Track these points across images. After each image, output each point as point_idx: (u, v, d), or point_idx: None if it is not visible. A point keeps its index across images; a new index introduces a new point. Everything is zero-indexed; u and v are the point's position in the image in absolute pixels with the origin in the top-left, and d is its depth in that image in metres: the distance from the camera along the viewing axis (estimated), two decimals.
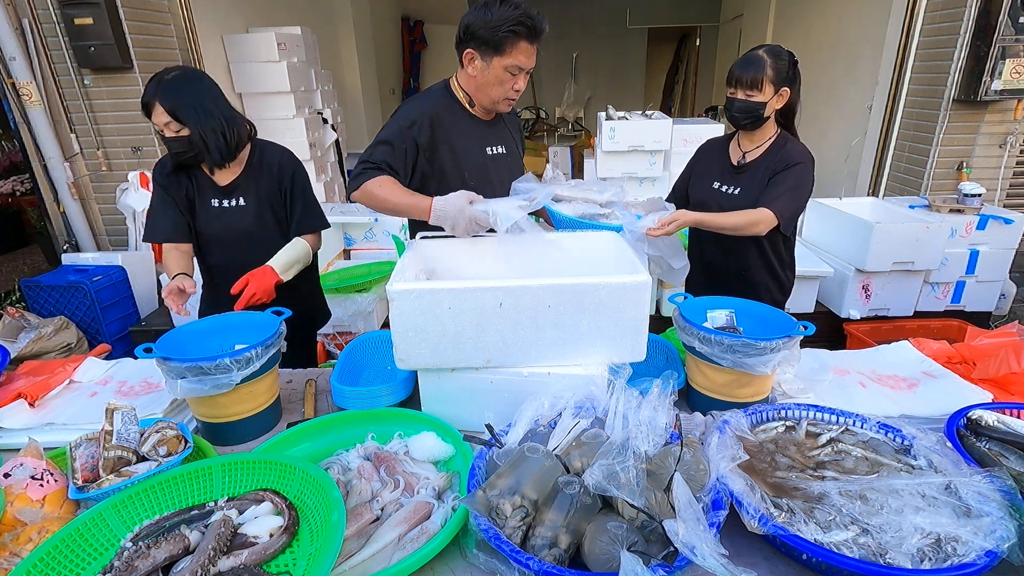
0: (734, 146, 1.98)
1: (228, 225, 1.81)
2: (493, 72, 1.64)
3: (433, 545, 0.94)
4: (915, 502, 0.96)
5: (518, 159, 1.94)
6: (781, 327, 1.34)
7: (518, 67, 1.62)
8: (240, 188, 1.81)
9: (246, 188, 1.81)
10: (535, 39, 1.60)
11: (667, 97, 11.25)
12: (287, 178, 1.83)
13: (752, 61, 1.76)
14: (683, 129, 3.56)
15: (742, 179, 1.91)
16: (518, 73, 1.65)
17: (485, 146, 1.82)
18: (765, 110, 1.79)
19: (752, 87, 1.76)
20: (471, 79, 1.70)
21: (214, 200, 1.80)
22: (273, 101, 4.44)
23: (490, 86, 1.68)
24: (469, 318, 1.19)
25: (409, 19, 8.82)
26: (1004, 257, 3.20)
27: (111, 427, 1.09)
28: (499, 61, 1.61)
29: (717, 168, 1.99)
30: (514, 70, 1.63)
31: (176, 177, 1.78)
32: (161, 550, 0.92)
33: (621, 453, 0.97)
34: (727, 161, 1.97)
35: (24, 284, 3.14)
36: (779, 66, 1.75)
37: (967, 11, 3.32)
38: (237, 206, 1.81)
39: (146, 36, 3.42)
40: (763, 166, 1.87)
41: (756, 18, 7.34)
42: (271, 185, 1.82)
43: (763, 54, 1.76)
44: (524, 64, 1.63)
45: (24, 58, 3.20)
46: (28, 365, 1.70)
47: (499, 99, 1.71)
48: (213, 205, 1.81)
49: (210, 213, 1.81)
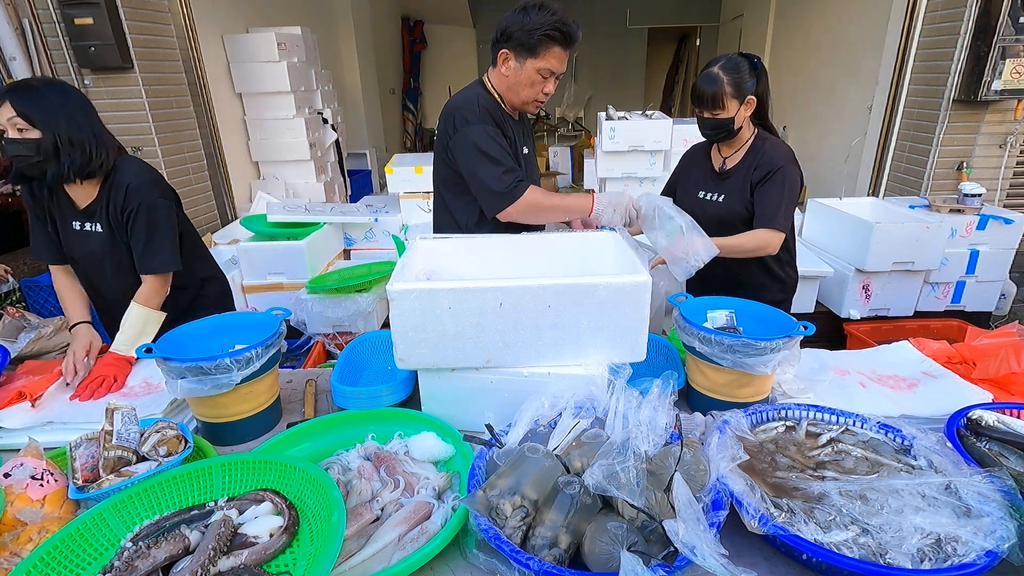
0: (715, 153, 1.98)
1: (87, 249, 1.70)
2: (526, 73, 1.71)
3: (433, 545, 0.94)
4: (915, 502, 0.96)
5: (535, 159, 1.98)
6: (781, 327, 1.34)
7: (550, 70, 1.70)
8: (96, 212, 1.67)
9: (101, 212, 1.67)
10: (568, 45, 1.67)
11: (667, 97, 11.25)
12: (131, 206, 1.65)
13: (709, 80, 1.74)
14: (683, 129, 3.55)
15: (725, 186, 1.91)
16: (549, 76, 1.72)
17: (520, 145, 1.88)
18: (735, 123, 1.79)
19: (715, 106, 1.76)
20: (503, 79, 1.76)
21: (75, 222, 1.69)
22: (273, 101, 4.44)
23: (521, 87, 1.74)
24: (469, 318, 1.19)
25: (409, 19, 8.82)
26: (1004, 257, 3.19)
27: (111, 427, 1.09)
28: (532, 63, 1.68)
29: (700, 176, 1.99)
30: (545, 73, 1.70)
31: (38, 194, 1.67)
32: (161, 550, 0.91)
33: (621, 453, 0.97)
34: (709, 169, 1.97)
35: (24, 284, 3.14)
36: (738, 79, 1.73)
37: (967, 11, 3.32)
38: (95, 231, 1.68)
39: (146, 36, 3.41)
40: (743, 171, 1.87)
41: (756, 18, 7.33)
42: (116, 211, 1.66)
43: (718, 71, 1.74)
44: (556, 68, 1.70)
45: (24, 58, 3.19)
46: (28, 365, 1.70)
47: (528, 100, 1.77)
48: (74, 228, 1.69)
49: (71, 236, 1.70)
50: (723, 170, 1.92)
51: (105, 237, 1.69)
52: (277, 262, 3.15)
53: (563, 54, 1.68)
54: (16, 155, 1.52)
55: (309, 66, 4.74)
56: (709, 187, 1.95)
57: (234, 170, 4.27)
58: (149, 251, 1.68)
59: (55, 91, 1.55)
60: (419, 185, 3.64)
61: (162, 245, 1.69)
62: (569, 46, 1.67)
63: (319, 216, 3.44)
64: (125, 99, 3.43)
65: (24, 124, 1.50)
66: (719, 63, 1.76)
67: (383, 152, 7.40)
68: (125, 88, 3.41)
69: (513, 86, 1.75)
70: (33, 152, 1.51)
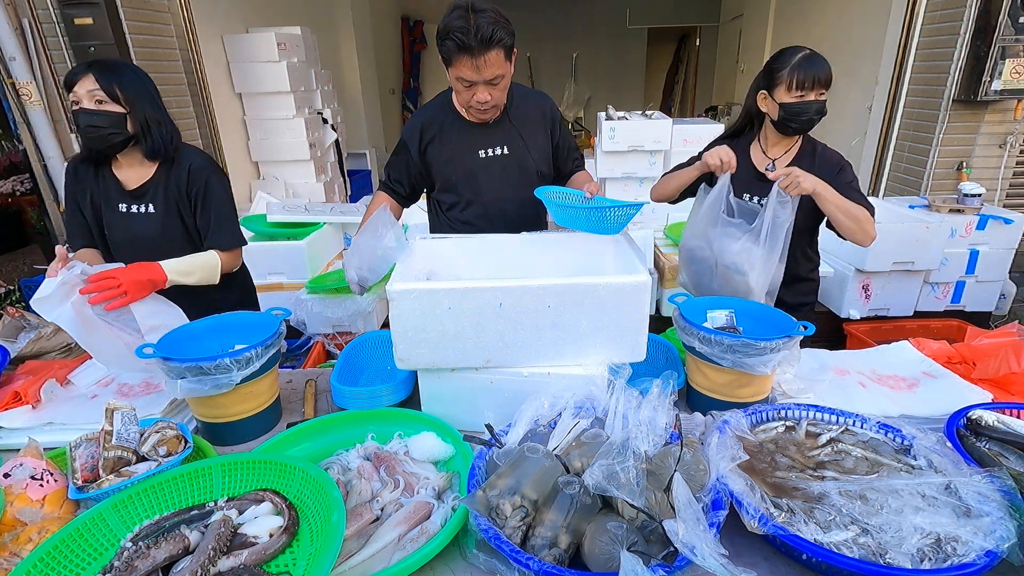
0: (757, 152, 1.83)
1: (133, 232, 1.68)
2: (452, 82, 1.64)
3: (433, 545, 0.94)
4: (915, 502, 0.96)
5: (527, 158, 1.85)
6: (781, 327, 1.34)
7: (464, 79, 1.57)
8: (149, 193, 1.67)
9: (155, 193, 1.67)
10: (473, 52, 1.50)
11: (667, 97, 11.25)
12: (197, 185, 1.68)
13: (818, 60, 1.65)
14: (683, 129, 3.55)
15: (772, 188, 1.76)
16: (469, 85, 1.59)
17: (478, 149, 1.82)
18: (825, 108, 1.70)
19: (827, 85, 1.66)
20: None
21: (121, 204, 1.67)
22: (273, 101, 4.44)
23: (456, 95, 1.71)
24: (469, 318, 1.19)
25: (409, 19, 8.82)
26: (1004, 257, 3.20)
27: (111, 427, 1.09)
28: (451, 72, 1.60)
29: (744, 178, 1.79)
30: (464, 82, 1.59)
31: (82, 177, 1.66)
32: (161, 550, 0.91)
33: (621, 453, 0.97)
34: (752, 169, 1.81)
35: (24, 284, 3.14)
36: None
37: (967, 11, 3.32)
38: (144, 212, 1.67)
39: (146, 36, 3.41)
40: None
41: (756, 18, 7.34)
42: (179, 191, 1.68)
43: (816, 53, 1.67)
44: (469, 76, 1.56)
45: (24, 58, 3.19)
46: (28, 365, 1.70)
47: (464, 107, 1.70)
48: (120, 209, 1.67)
49: (116, 218, 1.68)
50: (770, 171, 1.77)
51: (158, 218, 1.68)
52: (277, 262, 3.15)
53: (471, 62, 1.52)
54: (92, 125, 1.52)
55: (309, 66, 4.74)
56: (754, 189, 1.78)
57: (234, 170, 4.28)
58: (219, 228, 1.72)
59: (134, 71, 1.61)
60: None
61: (231, 222, 1.75)
62: (472, 52, 1.49)
63: (319, 216, 3.44)
64: None
65: (104, 97, 1.52)
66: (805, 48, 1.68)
67: (383, 152, 7.40)
68: None
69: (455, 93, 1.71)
70: (111, 125, 1.53)
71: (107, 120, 1.53)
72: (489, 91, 1.61)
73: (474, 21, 1.47)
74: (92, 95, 1.51)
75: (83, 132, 1.55)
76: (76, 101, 1.52)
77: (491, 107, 1.68)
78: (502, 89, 1.65)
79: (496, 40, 1.50)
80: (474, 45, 1.49)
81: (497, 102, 1.68)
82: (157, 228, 1.69)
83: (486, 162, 1.83)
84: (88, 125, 1.53)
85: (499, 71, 1.57)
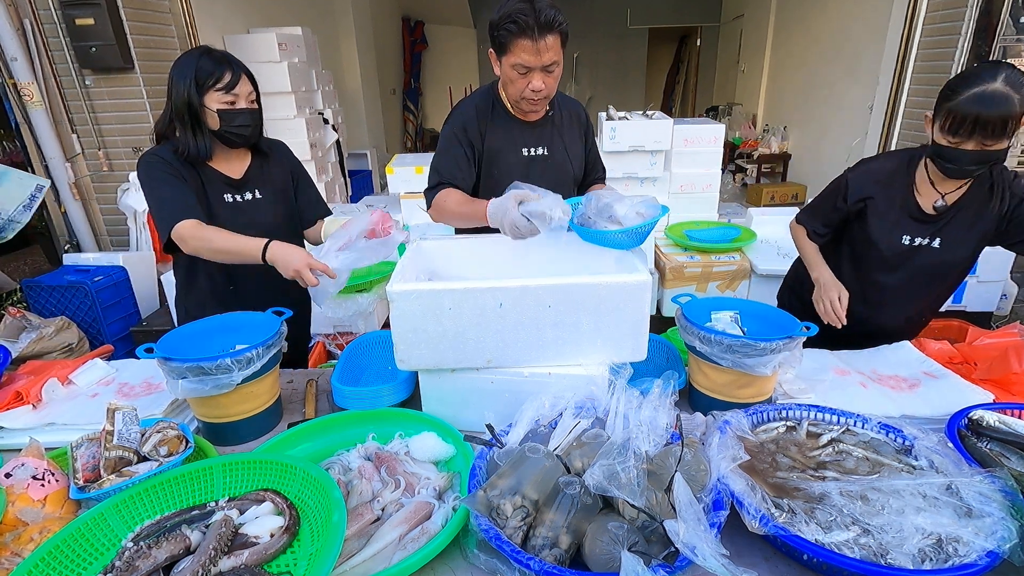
0: (923, 184, 1.57)
1: (247, 220, 1.66)
2: (505, 72, 1.64)
3: (434, 545, 0.94)
4: (916, 502, 0.96)
5: (566, 161, 1.85)
6: (784, 328, 1.34)
7: (523, 65, 1.58)
8: (253, 180, 1.71)
9: (259, 180, 1.72)
10: (534, 34, 1.51)
11: (668, 97, 11.26)
12: (294, 165, 1.82)
13: (997, 99, 1.27)
14: (684, 129, 3.55)
15: (942, 228, 1.56)
16: (526, 72, 1.60)
17: (521, 147, 1.80)
18: (1004, 157, 1.36)
19: (999, 135, 1.30)
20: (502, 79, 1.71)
21: (227, 195, 1.67)
22: (274, 101, 4.44)
23: (507, 86, 1.68)
24: (469, 318, 1.19)
25: (409, 19, 8.83)
26: (1005, 257, 3.19)
27: (112, 427, 1.09)
28: (506, 60, 1.60)
29: (899, 215, 1.59)
30: (520, 69, 1.59)
31: (183, 168, 1.61)
32: (162, 550, 0.92)
33: (622, 453, 0.97)
34: (914, 206, 1.57)
35: (25, 284, 3.14)
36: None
37: (968, 11, 3.32)
38: (253, 199, 1.70)
39: (147, 37, 3.42)
40: (971, 208, 1.53)
41: (757, 18, 7.33)
42: (283, 175, 1.78)
43: (1007, 89, 1.27)
44: (528, 62, 1.56)
45: (25, 58, 3.20)
46: (30, 365, 1.70)
47: (516, 99, 1.69)
48: (227, 200, 1.67)
49: (224, 209, 1.66)
50: (939, 208, 1.55)
51: (266, 202, 1.73)
52: None
53: (531, 45, 1.53)
54: (246, 124, 1.60)
55: (310, 66, 4.74)
56: (914, 230, 1.58)
57: None
58: (319, 200, 1.85)
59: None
60: (420, 185, 3.63)
61: (318, 193, 1.87)
62: (534, 35, 1.52)
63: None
64: (126, 99, 3.44)
65: (255, 96, 1.62)
66: (999, 75, 1.29)
67: (383, 152, 7.41)
68: (126, 88, 3.42)
69: (504, 86, 1.71)
70: (259, 122, 1.65)
71: (259, 118, 1.64)
72: (544, 79, 1.62)
73: (535, 5, 1.52)
74: (249, 97, 1.60)
75: (235, 131, 1.58)
76: (232, 102, 1.56)
77: (543, 98, 1.68)
78: (556, 79, 1.66)
79: (556, 24, 1.53)
80: (535, 27, 1.51)
81: (549, 92, 1.68)
82: (269, 212, 1.73)
83: (527, 161, 1.82)
84: (245, 124, 1.60)
85: (556, 57, 1.59)
